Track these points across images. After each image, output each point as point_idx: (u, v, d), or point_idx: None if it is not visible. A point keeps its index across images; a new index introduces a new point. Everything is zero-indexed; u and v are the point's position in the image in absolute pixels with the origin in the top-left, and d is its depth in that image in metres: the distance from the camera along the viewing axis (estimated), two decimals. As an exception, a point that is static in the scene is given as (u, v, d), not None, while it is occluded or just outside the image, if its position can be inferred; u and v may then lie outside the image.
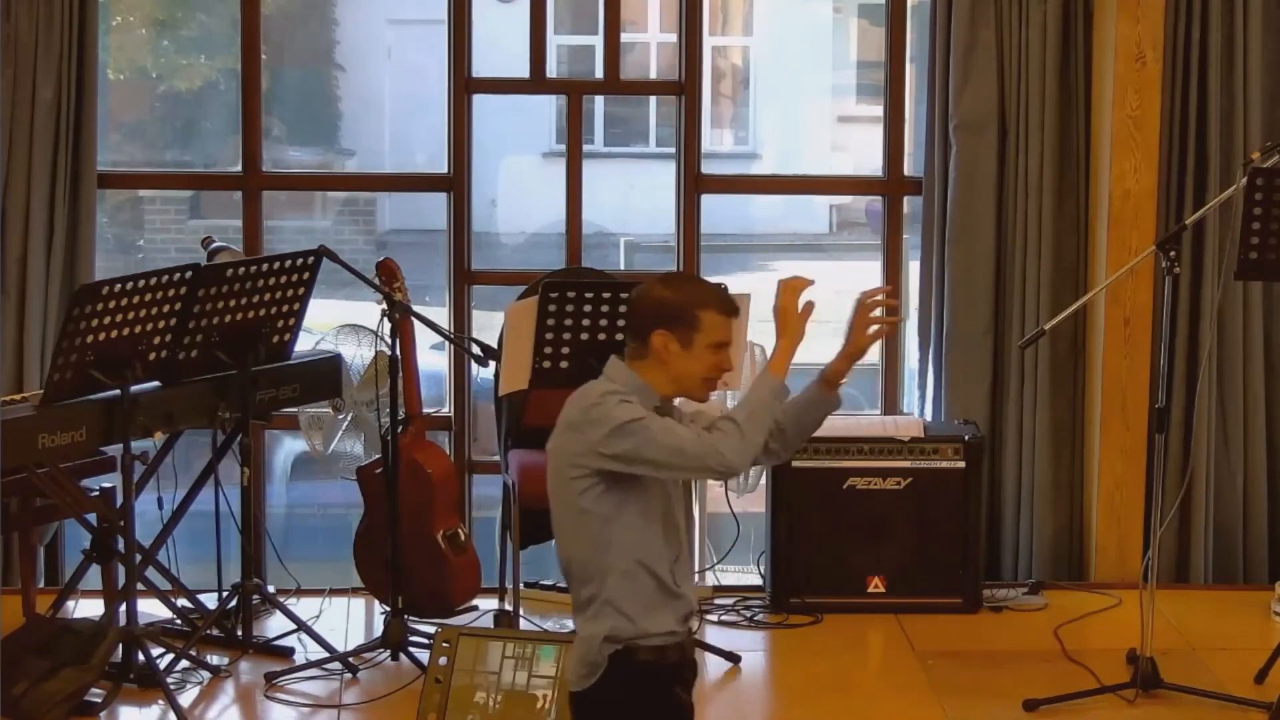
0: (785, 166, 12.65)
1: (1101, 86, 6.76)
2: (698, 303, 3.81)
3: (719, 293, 3.86)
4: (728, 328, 3.83)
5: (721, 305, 3.83)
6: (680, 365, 3.82)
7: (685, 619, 3.87)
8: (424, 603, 6.16)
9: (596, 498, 3.77)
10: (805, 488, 6.48)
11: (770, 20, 12.08)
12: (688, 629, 3.90)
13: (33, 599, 6.10)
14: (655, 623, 3.81)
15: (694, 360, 3.82)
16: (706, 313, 3.81)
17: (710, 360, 3.82)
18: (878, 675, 6.15)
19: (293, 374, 6.18)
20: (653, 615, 3.81)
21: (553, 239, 8.00)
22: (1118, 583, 6.72)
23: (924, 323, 7.03)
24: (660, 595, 3.82)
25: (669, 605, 3.83)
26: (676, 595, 3.84)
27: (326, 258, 5.95)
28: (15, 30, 6.54)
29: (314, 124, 11.01)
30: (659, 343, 3.80)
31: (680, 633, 3.86)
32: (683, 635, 3.88)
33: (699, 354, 3.82)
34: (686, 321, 3.80)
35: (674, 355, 3.81)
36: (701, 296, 3.83)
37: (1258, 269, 5.71)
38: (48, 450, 5.53)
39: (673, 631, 3.84)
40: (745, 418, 3.77)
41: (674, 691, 3.87)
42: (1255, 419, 6.91)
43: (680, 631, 3.86)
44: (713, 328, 3.81)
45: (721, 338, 3.82)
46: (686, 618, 3.87)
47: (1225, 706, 5.62)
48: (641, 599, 3.80)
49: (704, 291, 3.85)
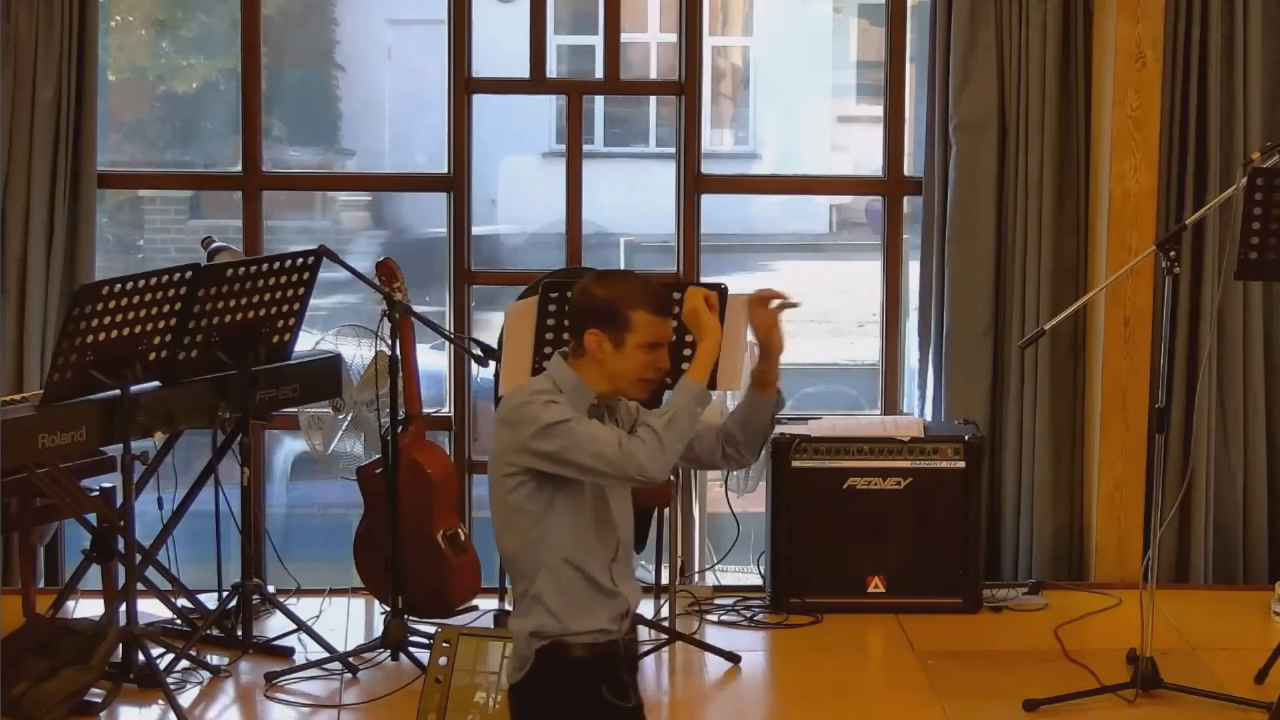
0: (785, 166, 12.64)
1: (1101, 86, 6.76)
2: (629, 302, 3.78)
3: (652, 292, 3.81)
4: (661, 327, 3.80)
5: (653, 305, 3.79)
6: (614, 365, 3.81)
7: (620, 618, 3.85)
8: (424, 603, 6.16)
9: (528, 495, 3.78)
10: (805, 488, 6.49)
11: (770, 20, 12.07)
12: (625, 627, 3.87)
13: (33, 599, 6.11)
14: (583, 621, 3.81)
15: (626, 360, 3.80)
16: (638, 313, 3.78)
17: (643, 360, 3.80)
18: (878, 675, 6.15)
19: (293, 374, 6.18)
20: (580, 613, 3.81)
21: (553, 239, 8.00)
22: (1118, 583, 6.73)
23: (924, 323, 7.03)
24: (591, 593, 3.82)
25: (601, 604, 3.82)
26: (610, 594, 3.83)
27: (326, 258, 5.95)
28: (15, 30, 6.54)
29: (314, 124, 11.00)
30: (592, 342, 3.80)
31: (613, 631, 3.84)
32: (617, 634, 3.85)
33: (631, 354, 3.80)
34: (618, 321, 3.78)
35: (607, 355, 3.80)
36: (633, 296, 3.79)
37: (1258, 269, 5.71)
38: (48, 450, 5.53)
39: (604, 630, 3.83)
40: (664, 426, 3.74)
41: (600, 690, 3.83)
42: (1255, 419, 6.91)
43: (613, 630, 3.84)
44: (644, 327, 3.78)
45: (653, 337, 3.79)
46: (622, 616, 3.86)
47: (1225, 706, 5.62)
48: (569, 596, 3.81)
49: (636, 291, 3.80)
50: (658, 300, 3.80)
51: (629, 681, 3.90)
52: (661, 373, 3.83)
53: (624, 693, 3.85)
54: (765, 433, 3.96)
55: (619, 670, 3.86)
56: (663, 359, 3.82)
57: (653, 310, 3.79)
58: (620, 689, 3.85)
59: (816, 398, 10.02)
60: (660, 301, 3.81)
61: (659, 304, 3.80)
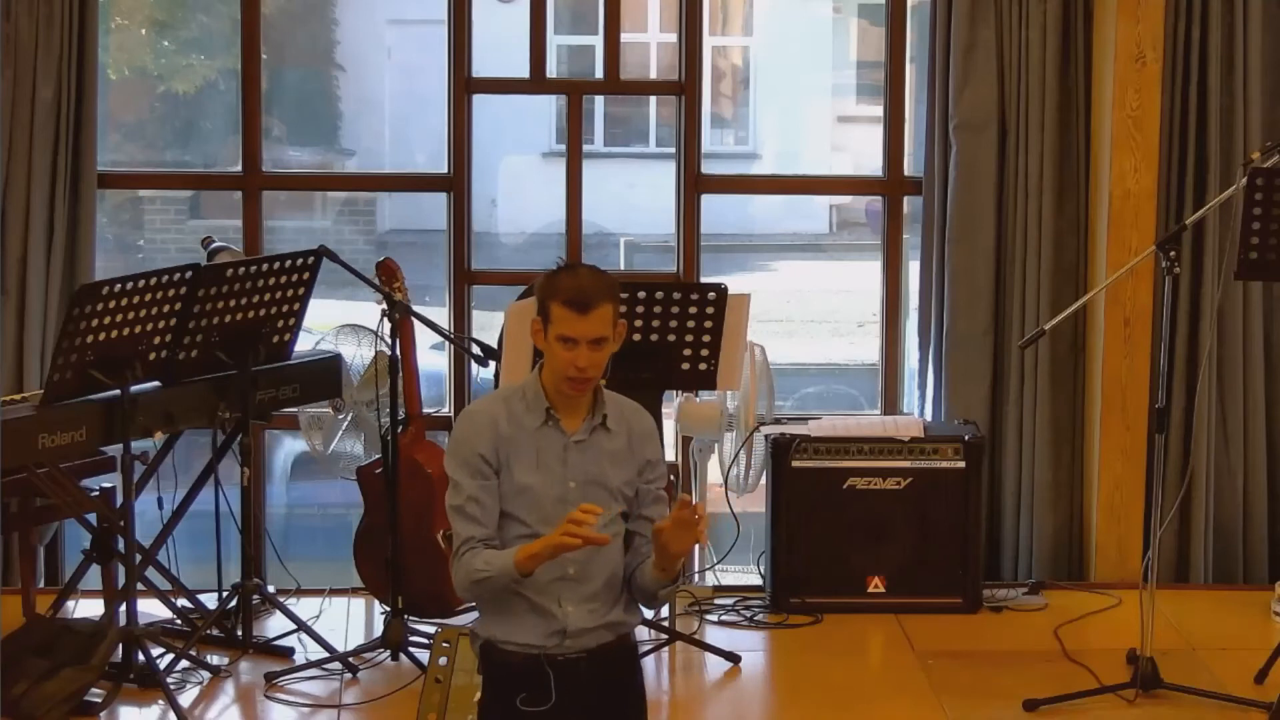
0: (785, 166, 12.65)
1: (1101, 86, 6.76)
2: (550, 294, 3.81)
3: (571, 285, 3.80)
4: (573, 323, 3.78)
5: (567, 297, 3.79)
6: (547, 358, 3.86)
7: (555, 635, 3.87)
8: (424, 603, 6.16)
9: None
10: (805, 488, 6.48)
11: (770, 20, 12.08)
12: (562, 645, 3.88)
13: (33, 599, 6.10)
14: (510, 632, 3.89)
15: (551, 353, 3.83)
16: (555, 304, 3.80)
17: (562, 355, 3.80)
18: (878, 675, 6.15)
19: (293, 374, 6.18)
20: (508, 624, 3.89)
21: (553, 239, 8.01)
22: (1118, 583, 6.73)
23: (924, 323, 7.03)
24: (522, 609, 3.87)
25: (531, 621, 3.87)
26: (544, 613, 3.87)
27: (326, 258, 5.95)
28: (15, 30, 6.54)
29: (314, 124, 11.01)
30: (534, 331, 3.87)
31: (538, 648, 3.87)
32: (541, 650, 3.87)
33: (553, 346, 3.82)
34: (543, 312, 3.83)
35: (543, 347, 3.86)
36: (554, 288, 3.81)
37: (1258, 269, 5.71)
38: (48, 450, 5.53)
39: (530, 644, 3.87)
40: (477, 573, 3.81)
41: (514, 701, 3.88)
42: (1255, 419, 6.91)
43: (539, 646, 3.87)
44: (559, 320, 3.79)
45: (565, 331, 3.79)
46: (559, 635, 3.87)
47: (1225, 706, 5.62)
48: (501, 606, 3.88)
49: (558, 284, 3.82)
50: (571, 293, 3.79)
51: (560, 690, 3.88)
52: (581, 372, 3.81)
53: (539, 700, 3.87)
54: (651, 599, 3.98)
55: (542, 681, 3.87)
56: (580, 356, 3.80)
57: (566, 304, 3.79)
58: (537, 699, 3.87)
59: (816, 398, 10.03)
60: (573, 294, 3.79)
61: (572, 298, 3.79)
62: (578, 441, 3.89)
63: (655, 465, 3.96)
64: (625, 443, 3.93)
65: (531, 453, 3.87)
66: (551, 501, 3.85)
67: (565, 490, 3.86)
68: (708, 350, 5.85)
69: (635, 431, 3.95)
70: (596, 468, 3.88)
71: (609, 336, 3.83)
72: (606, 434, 3.91)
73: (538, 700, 3.87)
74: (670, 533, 3.75)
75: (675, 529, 3.74)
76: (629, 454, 3.92)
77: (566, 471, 3.87)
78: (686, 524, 3.73)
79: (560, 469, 3.87)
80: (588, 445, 3.90)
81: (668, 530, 3.75)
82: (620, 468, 3.90)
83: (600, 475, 3.88)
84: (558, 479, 3.86)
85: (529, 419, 3.88)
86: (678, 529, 3.74)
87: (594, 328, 3.79)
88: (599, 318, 3.80)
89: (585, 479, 3.87)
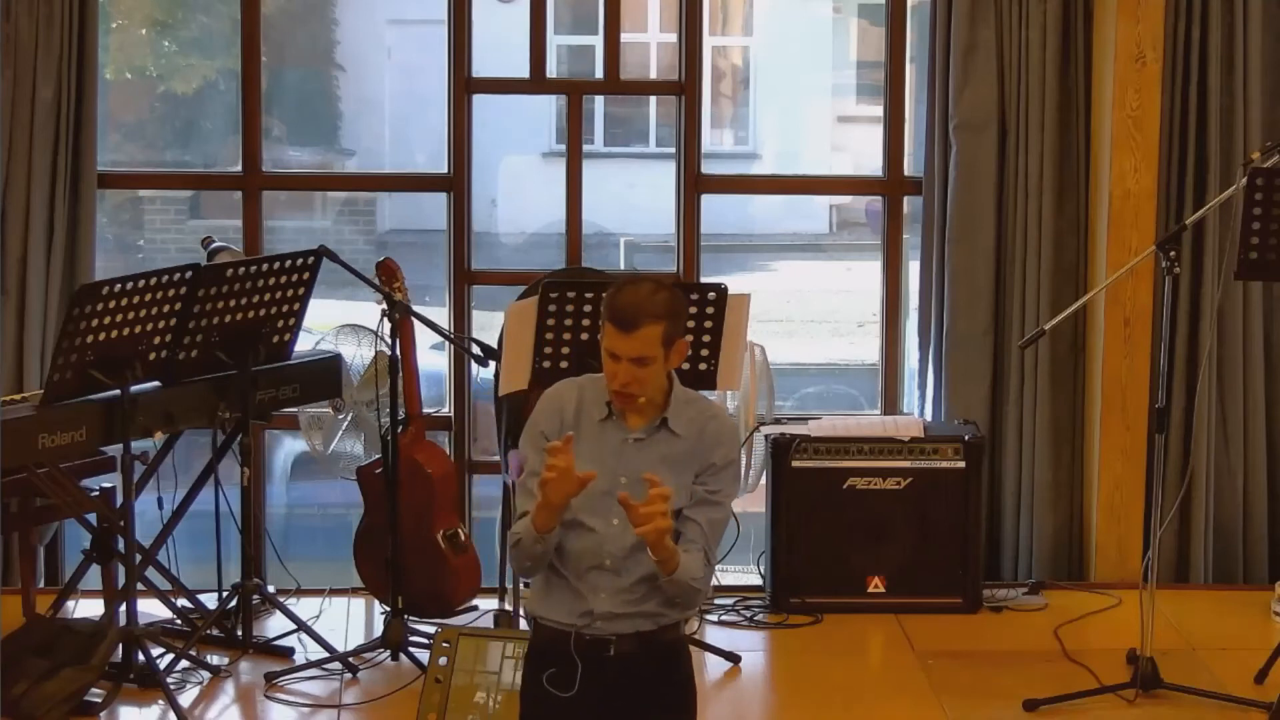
0: (785, 166, 12.65)
1: (1101, 86, 6.76)
2: (606, 305, 3.85)
3: (621, 302, 3.83)
4: (616, 340, 3.82)
5: (610, 314, 3.83)
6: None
7: (582, 616, 3.91)
8: (424, 603, 6.16)
9: None
10: (805, 488, 6.48)
11: (770, 20, 12.08)
12: (589, 626, 3.91)
13: (33, 599, 6.10)
14: (546, 608, 3.95)
15: (603, 363, 3.88)
16: (605, 320, 3.84)
17: (608, 367, 3.85)
18: (878, 675, 6.15)
19: (293, 374, 6.18)
20: (547, 601, 3.95)
21: (553, 239, 8.00)
22: (1118, 583, 6.73)
23: (924, 323, 7.03)
24: (559, 587, 3.93)
25: (564, 599, 3.93)
26: (576, 593, 3.91)
27: (326, 258, 5.95)
28: (15, 30, 6.54)
29: (314, 124, 11.01)
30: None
31: (569, 625, 3.92)
32: (571, 629, 3.91)
33: (604, 357, 3.86)
34: (601, 325, 3.87)
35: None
36: (610, 301, 3.85)
37: (1258, 269, 5.71)
38: (48, 450, 5.53)
39: (560, 622, 3.93)
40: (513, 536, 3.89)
41: (540, 676, 3.94)
42: (1255, 419, 6.91)
43: (569, 624, 3.92)
44: (607, 335, 3.83)
45: (610, 347, 3.83)
46: (584, 615, 3.91)
47: (1225, 706, 5.62)
48: (544, 583, 3.96)
49: (614, 298, 3.85)
50: (612, 310, 3.82)
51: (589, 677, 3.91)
52: (624, 387, 3.84)
53: (564, 684, 3.91)
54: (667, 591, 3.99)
55: (569, 663, 3.91)
56: (620, 371, 3.82)
57: (609, 319, 3.83)
58: (562, 680, 3.92)
59: (816, 398, 10.03)
60: (614, 312, 3.82)
61: (613, 314, 3.82)
62: (636, 440, 3.91)
63: (717, 469, 3.95)
64: (690, 446, 3.93)
65: (590, 443, 3.90)
66: (599, 494, 3.85)
67: (615, 485, 3.86)
68: (708, 350, 5.85)
69: (706, 435, 3.94)
70: (651, 468, 3.87)
71: (655, 356, 3.83)
72: (670, 436, 3.93)
73: (562, 684, 3.91)
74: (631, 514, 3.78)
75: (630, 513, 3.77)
76: (691, 457, 3.92)
77: (619, 467, 3.88)
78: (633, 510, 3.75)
79: (614, 463, 3.88)
80: (646, 445, 3.91)
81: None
82: (677, 471, 3.90)
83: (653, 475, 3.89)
84: (609, 472, 3.87)
85: (595, 410, 3.92)
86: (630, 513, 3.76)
87: (636, 347, 3.81)
88: (643, 338, 3.80)
89: (636, 477, 3.86)
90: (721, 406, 4.02)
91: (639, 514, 3.72)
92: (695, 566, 3.86)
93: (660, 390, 3.92)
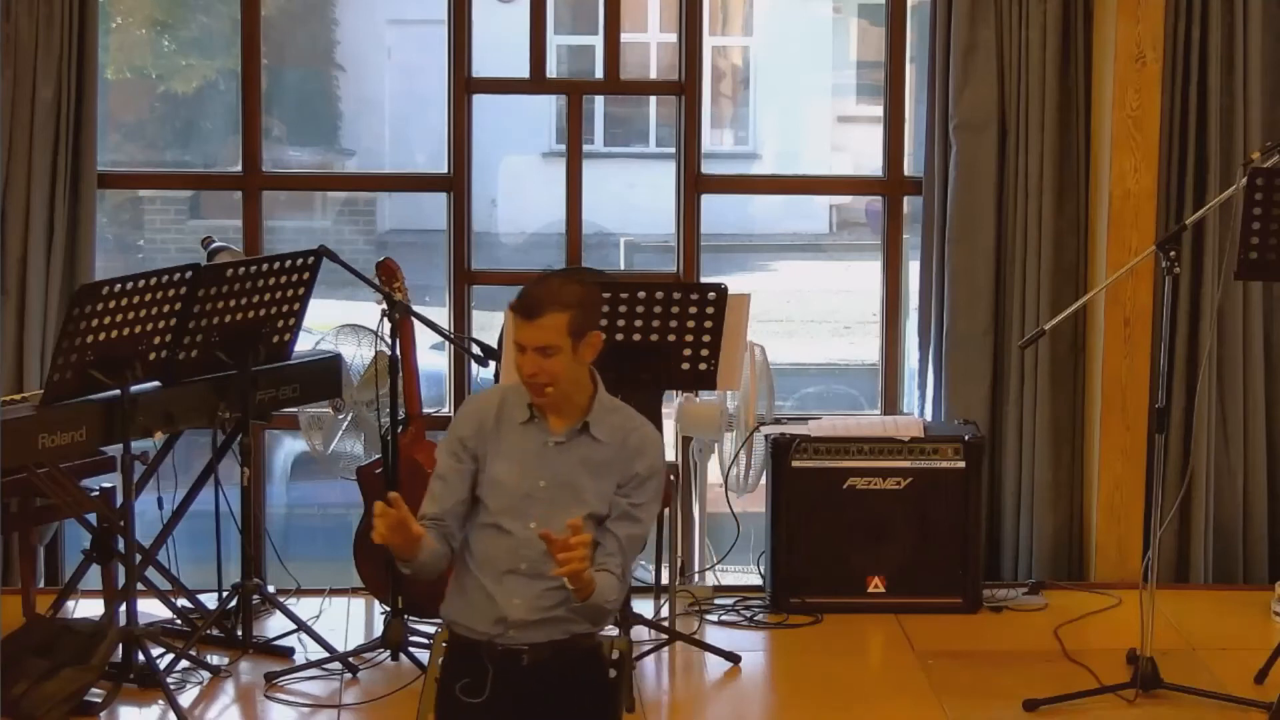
0: (785, 166, 12.65)
1: (1101, 86, 6.76)
2: (513, 300, 3.88)
3: (525, 291, 3.85)
4: (519, 328, 3.83)
5: (515, 303, 3.85)
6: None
7: (496, 623, 3.90)
8: (424, 603, 6.15)
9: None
10: (805, 488, 6.48)
11: (770, 20, 12.08)
12: (504, 635, 3.90)
13: (33, 599, 6.10)
14: (461, 614, 3.95)
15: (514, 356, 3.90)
16: (511, 310, 3.87)
17: (515, 358, 3.87)
18: (878, 675, 6.15)
19: (293, 374, 6.18)
20: (463, 606, 3.95)
21: (553, 239, 8.00)
22: (1118, 583, 6.72)
23: (924, 323, 7.03)
24: (475, 590, 3.93)
25: (479, 604, 3.92)
26: (490, 599, 3.90)
27: (326, 258, 5.95)
28: (15, 30, 6.54)
29: (314, 124, 11.01)
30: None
31: (483, 634, 3.91)
32: (486, 637, 3.91)
33: (514, 350, 3.88)
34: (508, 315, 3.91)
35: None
36: (517, 295, 3.87)
37: (1258, 269, 5.71)
38: (48, 450, 5.53)
39: (474, 630, 3.92)
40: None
41: (454, 685, 3.93)
42: (1255, 419, 6.91)
43: (483, 633, 3.91)
44: (512, 323, 3.89)
45: (514, 336, 3.86)
46: (498, 623, 3.90)
47: (1225, 706, 5.62)
48: (458, 587, 3.97)
49: (520, 291, 3.87)
50: (522, 299, 3.84)
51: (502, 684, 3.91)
52: (531, 378, 3.85)
53: (475, 691, 3.91)
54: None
55: (482, 669, 3.91)
56: (528, 363, 3.83)
57: (513, 307, 3.86)
58: (474, 688, 3.91)
59: (816, 398, 10.03)
60: (523, 301, 3.84)
61: (519, 304, 3.84)
62: (558, 443, 3.92)
63: (641, 481, 3.94)
64: (613, 454, 3.93)
65: (511, 447, 3.92)
66: (519, 496, 3.90)
67: (534, 488, 3.89)
68: (708, 350, 5.85)
69: (629, 444, 3.95)
70: (571, 472, 3.90)
71: (560, 346, 3.83)
72: (591, 441, 3.93)
73: (474, 691, 3.91)
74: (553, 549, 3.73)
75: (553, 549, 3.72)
76: (613, 465, 3.93)
77: (540, 470, 3.90)
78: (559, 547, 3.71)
79: (535, 466, 3.90)
80: (567, 448, 3.92)
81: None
82: (598, 478, 3.91)
83: (573, 479, 3.90)
84: (529, 475, 3.90)
85: (518, 413, 3.94)
86: (554, 549, 3.72)
87: (539, 335, 3.82)
88: (545, 326, 3.81)
89: (556, 480, 3.89)
90: (646, 419, 3.99)
91: (559, 553, 3.69)
92: (608, 589, 3.86)
93: (584, 393, 3.92)
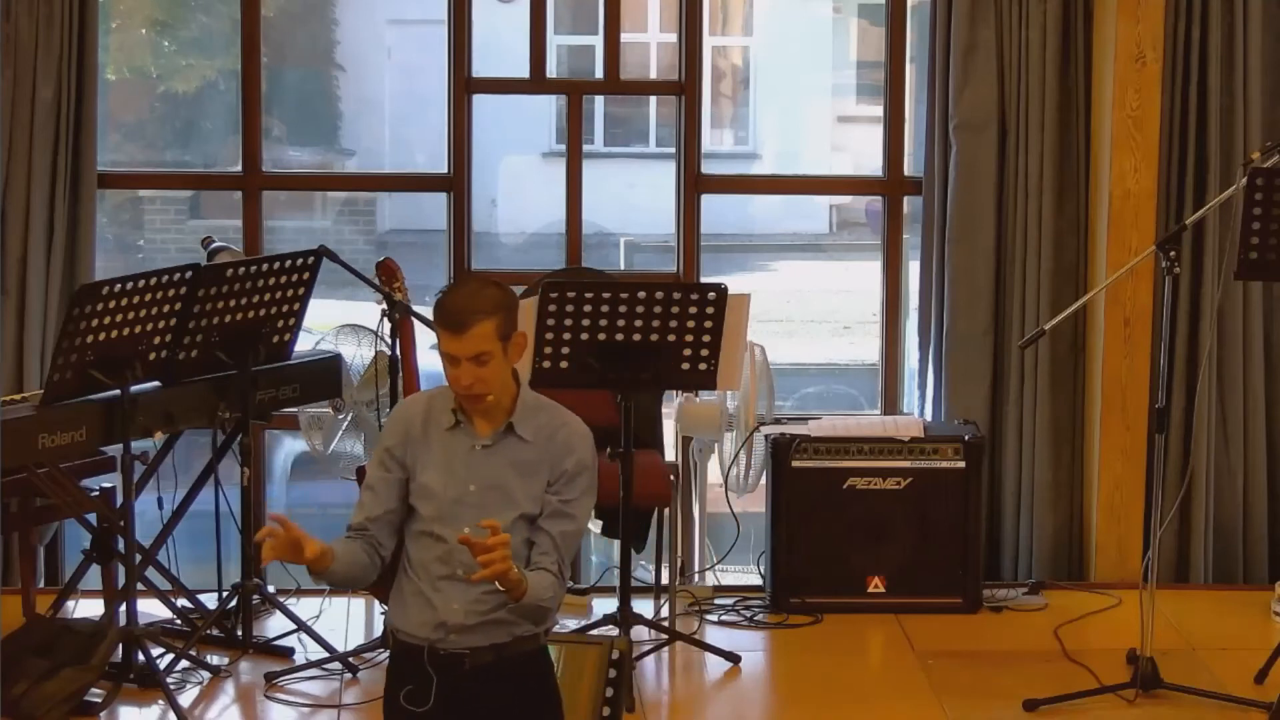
0: (785, 166, 12.65)
1: (1101, 86, 6.76)
2: (434, 314, 3.86)
3: (446, 305, 3.83)
4: (448, 341, 3.83)
5: (440, 318, 3.83)
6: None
7: (436, 628, 3.88)
8: (424, 603, 6.15)
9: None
10: (805, 488, 6.48)
11: (770, 20, 12.08)
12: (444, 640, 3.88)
13: (33, 599, 6.10)
14: (402, 620, 3.93)
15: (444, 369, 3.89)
16: (436, 325, 3.85)
17: (448, 370, 3.86)
18: (878, 675, 6.15)
19: (293, 374, 6.18)
20: (402, 612, 3.93)
21: (553, 239, 8.00)
22: (1118, 583, 6.72)
23: (924, 323, 7.03)
24: (414, 595, 3.91)
25: (419, 609, 3.90)
26: (429, 604, 3.89)
27: (326, 258, 5.95)
28: (15, 30, 6.54)
29: (314, 124, 11.01)
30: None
31: (423, 640, 3.89)
32: (425, 642, 3.89)
33: (443, 363, 3.87)
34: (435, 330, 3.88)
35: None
36: (436, 307, 3.86)
37: (1258, 269, 5.71)
38: (48, 450, 5.53)
39: (415, 636, 3.90)
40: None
41: (398, 692, 3.91)
42: (1255, 419, 6.91)
43: (423, 638, 3.89)
44: (441, 339, 3.85)
45: (445, 349, 3.85)
46: (439, 628, 3.88)
47: (1225, 706, 5.62)
48: (398, 592, 3.95)
49: (439, 303, 3.86)
50: (447, 314, 3.82)
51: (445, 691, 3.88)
52: (468, 389, 3.83)
53: (420, 699, 3.88)
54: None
55: (425, 677, 3.88)
56: (464, 375, 3.82)
57: (439, 323, 3.84)
58: (418, 696, 3.89)
59: (816, 398, 10.03)
60: (449, 315, 3.82)
61: (444, 319, 3.82)
62: (484, 447, 3.91)
63: (570, 477, 3.92)
64: (540, 453, 3.92)
65: (439, 453, 3.91)
66: (449, 502, 3.88)
67: (464, 492, 3.88)
68: (708, 350, 5.85)
69: (556, 443, 3.93)
70: (500, 474, 3.89)
71: (492, 352, 3.82)
72: (518, 442, 3.92)
73: (418, 699, 3.89)
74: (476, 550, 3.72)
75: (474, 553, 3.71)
76: (541, 464, 3.91)
77: (468, 474, 3.89)
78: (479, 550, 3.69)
79: (463, 471, 3.89)
80: (494, 451, 3.91)
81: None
82: (527, 478, 3.90)
83: (502, 481, 3.89)
84: (458, 481, 3.89)
85: (443, 419, 3.93)
86: (475, 553, 3.71)
87: (471, 345, 3.81)
88: (476, 336, 3.81)
89: (486, 484, 3.88)
90: (574, 415, 3.98)
91: (480, 555, 3.68)
92: (543, 588, 3.83)
93: (508, 394, 3.92)
